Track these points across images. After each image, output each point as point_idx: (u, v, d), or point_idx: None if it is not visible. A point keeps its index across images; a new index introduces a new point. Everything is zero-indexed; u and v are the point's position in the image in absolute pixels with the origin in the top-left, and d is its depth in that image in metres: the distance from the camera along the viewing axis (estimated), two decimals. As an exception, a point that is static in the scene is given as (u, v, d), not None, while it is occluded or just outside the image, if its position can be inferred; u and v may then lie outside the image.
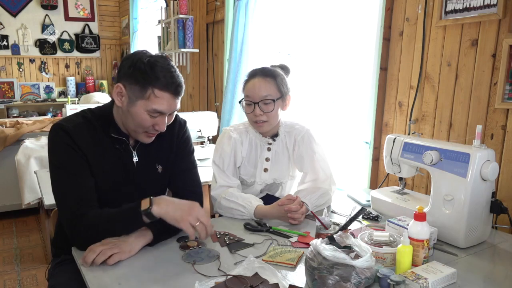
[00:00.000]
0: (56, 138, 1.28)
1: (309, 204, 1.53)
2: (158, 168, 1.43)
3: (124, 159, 1.36)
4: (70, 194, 1.25)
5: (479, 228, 1.30)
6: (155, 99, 1.24)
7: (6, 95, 5.88)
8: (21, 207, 3.21)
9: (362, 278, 0.98)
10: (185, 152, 1.50)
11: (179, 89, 1.27)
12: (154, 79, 1.22)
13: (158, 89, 1.23)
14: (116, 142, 1.34)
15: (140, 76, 1.23)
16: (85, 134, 1.29)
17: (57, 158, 1.28)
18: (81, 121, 1.31)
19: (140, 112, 1.26)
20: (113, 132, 1.33)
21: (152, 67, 1.22)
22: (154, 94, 1.23)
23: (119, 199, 1.33)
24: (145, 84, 1.23)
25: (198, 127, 2.88)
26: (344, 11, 2.43)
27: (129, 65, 1.25)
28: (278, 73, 1.60)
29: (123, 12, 6.31)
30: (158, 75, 1.22)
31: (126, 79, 1.25)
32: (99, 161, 1.30)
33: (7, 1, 5.75)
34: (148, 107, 1.25)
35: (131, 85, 1.25)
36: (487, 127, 1.63)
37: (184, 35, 3.67)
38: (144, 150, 1.40)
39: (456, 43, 1.72)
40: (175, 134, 1.47)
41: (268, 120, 1.59)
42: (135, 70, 1.23)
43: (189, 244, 1.26)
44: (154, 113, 1.26)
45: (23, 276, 2.67)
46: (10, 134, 3.39)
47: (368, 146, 2.13)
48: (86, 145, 1.28)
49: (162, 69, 1.23)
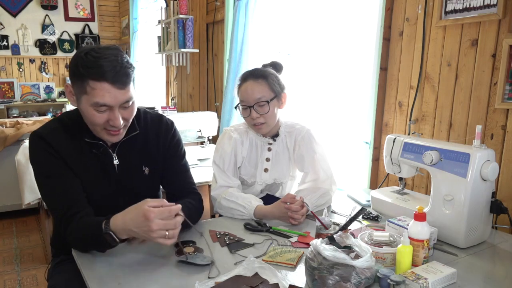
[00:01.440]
0: (34, 145, 1.27)
1: (310, 204, 1.53)
2: (144, 170, 1.40)
3: (104, 162, 1.33)
4: (58, 199, 1.24)
5: (479, 228, 1.30)
6: (93, 92, 1.15)
7: (6, 95, 5.88)
8: (21, 207, 3.20)
9: (362, 278, 0.98)
10: (178, 155, 1.47)
11: (118, 77, 1.14)
12: (85, 71, 1.13)
13: (92, 79, 1.14)
14: (92, 146, 1.31)
15: (76, 70, 1.15)
16: (62, 139, 1.27)
17: (38, 165, 1.28)
18: (57, 126, 1.29)
19: (86, 108, 1.19)
20: (87, 136, 1.29)
21: (84, 59, 1.14)
22: (90, 86, 1.14)
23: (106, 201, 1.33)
24: (81, 78, 1.15)
25: (198, 127, 2.88)
26: (344, 11, 2.42)
27: (71, 63, 1.20)
28: (269, 73, 1.59)
29: (123, 12, 6.31)
30: (92, 65, 1.13)
31: (70, 77, 1.20)
32: (79, 165, 1.28)
33: (7, 1, 5.75)
34: (90, 101, 1.16)
35: (73, 82, 1.19)
36: (487, 127, 1.63)
37: (184, 35, 3.67)
38: (126, 152, 1.36)
39: (456, 43, 1.72)
40: (161, 134, 1.43)
41: (266, 122, 1.59)
42: (73, 66, 1.17)
43: (186, 250, 1.23)
44: (100, 107, 1.17)
45: (23, 276, 2.67)
46: (10, 134, 3.39)
47: (368, 146, 2.13)
48: (63, 150, 1.26)
49: (96, 59, 1.13)
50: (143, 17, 5.30)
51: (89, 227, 1.17)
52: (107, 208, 1.22)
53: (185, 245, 1.25)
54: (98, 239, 1.13)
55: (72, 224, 1.20)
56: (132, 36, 5.44)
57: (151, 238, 1.06)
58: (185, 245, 1.26)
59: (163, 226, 1.05)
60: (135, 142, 1.37)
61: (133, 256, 1.21)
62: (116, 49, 1.19)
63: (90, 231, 1.15)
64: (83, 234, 1.18)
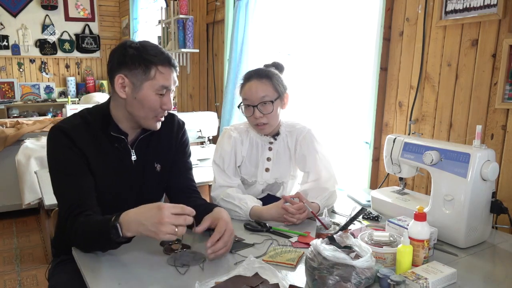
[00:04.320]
0: (55, 140, 1.28)
1: (320, 205, 1.54)
2: (156, 167, 1.44)
3: (123, 158, 1.36)
4: (68, 195, 1.25)
5: (479, 228, 1.30)
6: (161, 76, 1.27)
7: (6, 95, 5.88)
8: (21, 207, 3.21)
9: (362, 278, 0.98)
10: (185, 154, 1.52)
11: (175, 62, 1.32)
12: (153, 58, 1.26)
13: (161, 65, 1.27)
14: (115, 140, 1.34)
15: (140, 59, 1.25)
16: (84, 134, 1.29)
17: (56, 159, 1.28)
18: (79, 122, 1.31)
19: (148, 94, 1.28)
20: (112, 130, 1.33)
21: (145, 48, 1.26)
22: (159, 71, 1.26)
23: (117, 198, 1.35)
24: (147, 65, 1.25)
25: (198, 127, 2.88)
26: (344, 11, 2.43)
27: (120, 56, 1.27)
28: (273, 73, 1.60)
29: (123, 12, 6.31)
30: (155, 53, 1.26)
31: (125, 68, 1.26)
32: (99, 161, 1.31)
33: (7, 1, 5.75)
34: (155, 86, 1.27)
35: (132, 71, 1.26)
36: (487, 127, 1.63)
37: (184, 35, 3.68)
38: (143, 148, 1.40)
39: (456, 43, 1.72)
40: (174, 133, 1.48)
41: (268, 122, 1.59)
42: (132, 57, 1.25)
43: (173, 247, 1.23)
44: (162, 91, 1.29)
45: (23, 276, 2.67)
46: (10, 134, 3.39)
47: (368, 146, 2.13)
48: (85, 146, 1.28)
49: (154, 48, 1.28)
50: (143, 17, 5.30)
51: (96, 223, 1.16)
52: (112, 203, 1.22)
53: (172, 243, 1.25)
54: (102, 235, 1.12)
55: (79, 219, 1.20)
56: (132, 36, 5.45)
57: (159, 232, 1.03)
58: (172, 242, 1.25)
59: (174, 219, 1.04)
60: (151, 139, 1.42)
61: (133, 256, 1.21)
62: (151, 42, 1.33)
63: (96, 227, 1.15)
64: (87, 230, 1.17)
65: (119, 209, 1.16)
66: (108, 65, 1.32)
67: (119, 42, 6.76)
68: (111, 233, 1.09)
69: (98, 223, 1.15)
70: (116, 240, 1.11)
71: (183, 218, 1.06)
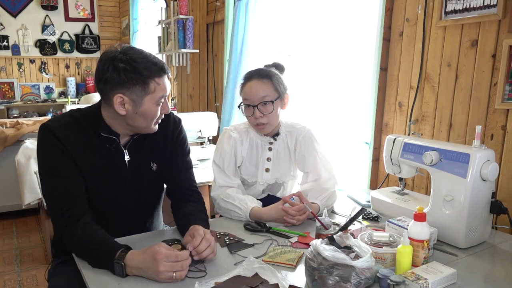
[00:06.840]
0: (42, 138, 1.27)
1: (320, 205, 1.54)
2: (152, 166, 1.42)
3: (115, 158, 1.35)
4: (58, 198, 1.24)
5: (479, 228, 1.30)
6: (159, 87, 1.27)
7: (6, 95, 5.89)
8: (21, 208, 3.21)
9: (362, 279, 0.98)
10: (183, 152, 1.50)
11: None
12: (149, 72, 1.24)
13: (157, 77, 1.26)
14: (106, 141, 1.32)
15: (136, 76, 1.22)
16: (73, 133, 1.28)
17: (44, 160, 1.28)
18: (68, 120, 1.30)
19: (150, 107, 1.28)
20: (103, 131, 1.31)
21: (137, 62, 1.22)
22: (156, 83, 1.26)
23: (115, 198, 1.34)
24: (145, 80, 1.24)
25: (198, 128, 2.88)
26: (344, 11, 2.43)
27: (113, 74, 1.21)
28: (273, 73, 1.60)
29: (123, 12, 6.31)
30: (149, 66, 1.24)
31: (122, 87, 1.22)
32: (88, 161, 1.29)
33: (7, 2, 5.75)
34: (155, 98, 1.27)
35: (130, 89, 1.23)
36: (487, 128, 1.63)
37: (184, 35, 3.67)
38: (136, 148, 1.39)
39: (456, 44, 1.72)
40: (169, 131, 1.45)
41: (268, 122, 1.59)
42: (127, 74, 1.21)
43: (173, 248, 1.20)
44: (161, 100, 1.29)
45: (23, 277, 2.67)
46: (10, 135, 3.39)
47: (368, 147, 2.13)
48: (73, 145, 1.26)
49: (145, 60, 1.24)
50: (143, 18, 5.30)
51: (98, 244, 1.16)
52: (107, 204, 1.21)
53: (172, 243, 1.24)
54: (103, 261, 1.13)
55: (76, 231, 1.19)
56: (132, 36, 5.45)
57: (159, 279, 1.07)
58: (171, 243, 1.24)
59: (170, 267, 1.07)
60: (145, 138, 1.40)
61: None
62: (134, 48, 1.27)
63: (99, 249, 1.15)
64: (88, 246, 1.17)
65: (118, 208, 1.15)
66: (99, 81, 1.25)
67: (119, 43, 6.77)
68: (114, 267, 1.10)
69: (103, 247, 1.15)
70: (115, 273, 1.11)
71: (179, 265, 1.08)
